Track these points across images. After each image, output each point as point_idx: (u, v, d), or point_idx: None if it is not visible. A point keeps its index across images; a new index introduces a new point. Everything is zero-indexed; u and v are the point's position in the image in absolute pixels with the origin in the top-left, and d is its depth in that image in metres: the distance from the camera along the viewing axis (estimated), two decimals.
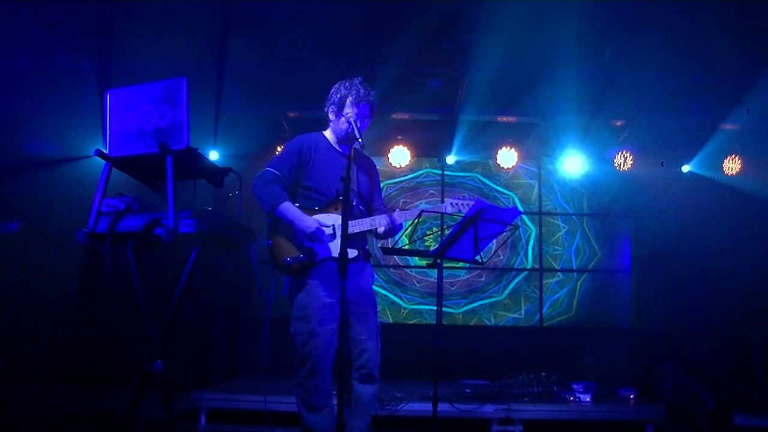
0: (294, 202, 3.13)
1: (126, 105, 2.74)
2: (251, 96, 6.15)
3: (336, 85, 3.25)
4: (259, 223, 6.66)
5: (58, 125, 6.10)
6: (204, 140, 6.01)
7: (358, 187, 3.29)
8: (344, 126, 3.17)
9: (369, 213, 3.33)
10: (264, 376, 5.06)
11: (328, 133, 3.34)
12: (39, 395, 5.56)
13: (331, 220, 3.13)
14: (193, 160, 2.70)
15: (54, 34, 5.30)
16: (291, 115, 6.49)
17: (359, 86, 3.20)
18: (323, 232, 3.08)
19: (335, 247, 3.09)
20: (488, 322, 6.88)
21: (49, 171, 6.21)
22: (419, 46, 5.08)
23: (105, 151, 2.74)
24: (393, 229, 3.22)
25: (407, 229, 3.26)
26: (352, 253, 3.10)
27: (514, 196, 7.06)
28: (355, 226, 3.14)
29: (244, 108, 6.26)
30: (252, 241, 3.04)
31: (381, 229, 3.22)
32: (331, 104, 3.24)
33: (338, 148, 3.31)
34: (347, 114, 3.16)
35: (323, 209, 3.17)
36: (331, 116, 3.27)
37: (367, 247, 3.30)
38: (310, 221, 3.04)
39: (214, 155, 6.18)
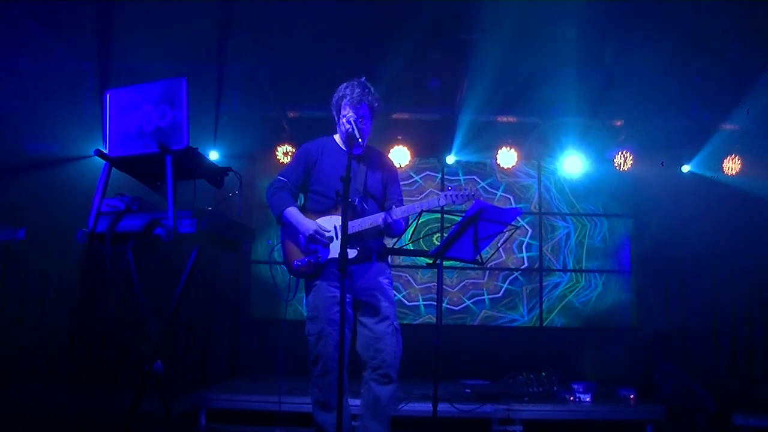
0: (305, 206, 3.26)
1: (126, 105, 2.73)
2: (251, 96, 6.14)
3: (339, 87, 3.25)
4: (259, 223, 6.69)
5: (58, 125, 6.09)
6: (204, 140, 6.00)
7: (364, 186, 3.26)
8: (346, 127, 3.14)
9: (381, 210, 3.26)
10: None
11: (336, 137, 3.37)
12: (39, 395, 5.55)
13: (332, 222, 3.17)
14: (193, 160, 2.70)
15: (54, 34, 5.30)
16: (291, 115, 6.49)
17: (356, 86, 3.18)
18: (323, 234, 3.12)
19: (336, 248, 3.11)
20: (488, 322, 6.88)
21: (49, 171, 6.20)
22: (419, 46, 5.08)
23: (105, 151, 2.73)
24: (390, 227, 3.18)
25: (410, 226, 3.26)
26: (352, 253, 3.09)
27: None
28: (352, 227, 3.12)
29: (244, 108, 6.26)
30: (252, 241, 3.04)
31: (383, 227, 3.17)
32: (333, 106, 3.27)
33: (346, 149, 3.22)
34: (346, 115, 3.15)
35: (327, 212, 3.21)
36: (336, 118, 3.29)
37: (377, 246, 3.26)
38: (310, 224, 3.11)
39: (214, 155, 6.18)
